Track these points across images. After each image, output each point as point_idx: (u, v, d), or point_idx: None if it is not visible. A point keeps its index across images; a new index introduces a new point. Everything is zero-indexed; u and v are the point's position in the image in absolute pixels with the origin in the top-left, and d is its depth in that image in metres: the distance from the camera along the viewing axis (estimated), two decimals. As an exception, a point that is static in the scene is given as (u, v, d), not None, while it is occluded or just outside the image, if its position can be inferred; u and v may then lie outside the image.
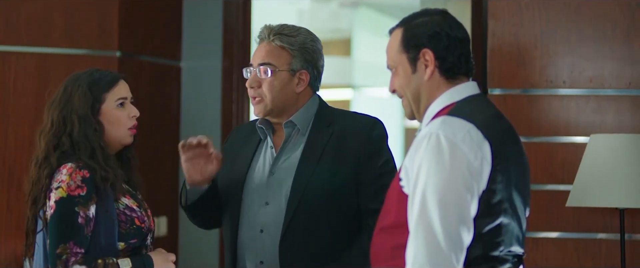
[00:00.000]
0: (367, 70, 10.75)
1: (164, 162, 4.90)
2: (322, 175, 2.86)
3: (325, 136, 2.91)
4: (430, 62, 2.36)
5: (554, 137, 4.06)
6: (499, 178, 2.25)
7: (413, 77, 2.39)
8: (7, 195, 4.36)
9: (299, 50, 2.92)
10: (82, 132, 2.74)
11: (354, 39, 10.53)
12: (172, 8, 5.00)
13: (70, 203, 2.66)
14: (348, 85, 10.29)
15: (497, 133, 2.29)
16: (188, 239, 4.92)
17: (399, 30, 2.43)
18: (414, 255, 2.18)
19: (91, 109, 2.77)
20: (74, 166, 2.69)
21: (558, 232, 4.04)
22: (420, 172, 2.23)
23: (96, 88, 2.79)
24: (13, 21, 4.39)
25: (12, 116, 4.37)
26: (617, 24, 4.02)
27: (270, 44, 2.93)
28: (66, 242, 2.64)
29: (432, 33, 2.36)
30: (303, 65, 2.93)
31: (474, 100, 2.37)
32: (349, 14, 10.47)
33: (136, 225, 2.75)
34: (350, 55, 10.46)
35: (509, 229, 2.29)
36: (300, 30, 2.96)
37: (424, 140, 2.26)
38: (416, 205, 2.21)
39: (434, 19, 2.39)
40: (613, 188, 3.59)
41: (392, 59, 2.44)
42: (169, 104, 4.97)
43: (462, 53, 2.38)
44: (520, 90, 4.09)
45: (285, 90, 2.92)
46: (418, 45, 2.37)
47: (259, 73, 2.92)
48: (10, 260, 4.31)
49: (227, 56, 5.01)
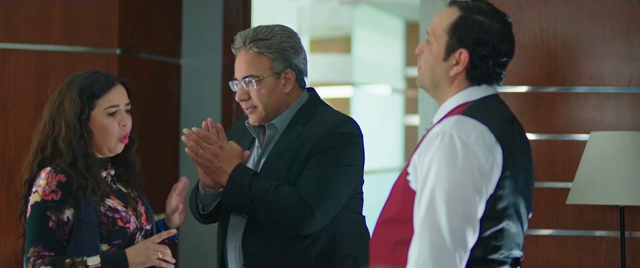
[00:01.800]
0: (367, 68, 10.74)
1: (164, 159, 4.90)
2: (280, 172, 2.86)
3: (295, 133, 2.90)
4: (462, 65, 2.34)
5: (554, 135, 4.06)
6: (506, 184, 2.26)
7: (441, 63, 2.36)
8: (7, 193, 4.36)
9: (277, 51, 2.90)
10: (66, 139, 2.72)
11: (354, 36, 10.52)
12: (172, 5, 5.00)
13: (43, 207, 2.67)
14: (348, 83, 10.28)
15: (509, 137, 2.29)
16: (188, 239, 4.91)
17: (457, 13, 2.36)
18: (418, 252, 2.19)
19: (79, 116, 2.73)
20: (52, 170, 2.70)
21: (558, 229, 4.04)
22: (430, 169, 2.23)
23: (88, 93, 2.75)
24: (13, 18, 4.38)
25: (11, 113, 4.36)
26: (617, 21, 4.02)
27: (247, 52, 2.91)
28: (36, 246, 2.66)
29: (480, 38, 2.32)
30: (285, 64, 2.92)
31: (489, 101, 2.35)
32: (349, 11, 10.46)
33: (118, 226, 2.74)
34: (350, 52, 10.45)
35: (510, 234, 2.29)
36: (274, 29, 2.93)
37: (436, 139, 2.25)
38: (424, 203, 2.21)
39: (493, 26, 2.34)
40: (613, 185, 3.59)
41: (434, 31, 2.38)
42: (169, 101, 4.96)
43: (496, 69, 2.35)
44: (520, 87, 4.09)
45: (275, 94, 2.92)
46: (462, 41, 2.33)
47: (245, 85, 2.91)
48: (10, 258, 4.31)
49: (227, 54, 5.00)
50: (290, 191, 2.81)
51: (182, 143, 5.00)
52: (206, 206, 3.00)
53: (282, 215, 2.81)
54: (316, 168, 2.84)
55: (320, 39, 11.37)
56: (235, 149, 2.90)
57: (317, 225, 2.84)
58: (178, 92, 5.03)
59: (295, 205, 2.80)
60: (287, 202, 2.80)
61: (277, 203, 2.80)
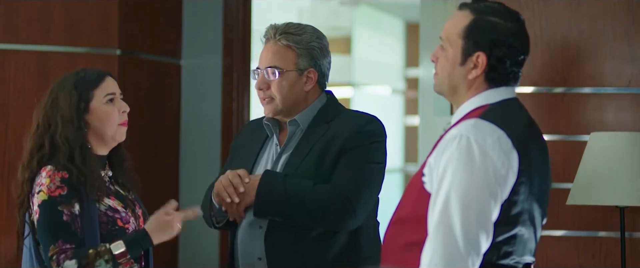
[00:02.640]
0: (368, 68, 10.74)
1: (165, 160, 4.89)
2: (307, 168, 2.86)
3: (320, 132, 2.91)
4: (480, 67, 2.32)
5: (554, 135, 4.05)
6: (521, 190, 2.25)
7: (458, 68, 2.34)
8: (7, 194, 4.35)
9: (305, 48, 2.92)
10: (63, 133, 2.73)
11: (354, 36, 10.52)
12: (172, 6, 5.00)
13: (53, 203, 2.67)
14: (348, 83, 10.28)
15: (526, 143, 2.28)
16: (188, 239, 4.91)
17: (469, 16, 2.34)
18: (431, 255, 2.18)
19: (77, 108, 2.74)
20: (53, 168, 2.70)
21: (558, 230, 4.04)
22: (446, 172, 2.22)
23: (83, 86, 2.77)
24: (13, 19, 4.38)
25: (11, 114, 4.36)
26: (617, 21, 4.02)
27: (276, 43, 2.92)
28: (55, 242, 2.65)
29: (496, 39, 2.31)
30: (310, 63, 2.94)
31: (507, 105, 2.34)
32: (349, 11, 10.46)
33: (118, 226, 2.74)
34: (350, 53, 10.45)
35: (523, 240, 2.29)
36: (306, 28, 2.95)
37: (453, 142, 2.24)
38: (438, 206, 2.21)
39: (507, 25, 2.33)
40: (613, 186, 3.59)
41: (448, 36, 2.36)
42: (169, 102, 4.96)
43: (515, 69, 2.34)
44: (520, 88, 4.09)
45: (294, 90, 2.93)
46: (478, 44, 2.31)
47: (267, 75, 2.92)
48: (11, 259, 4.31)
49: (227, 54, 5.00)
50: (329, 188, 2.82)
51: (182, 144, 5.01)
52: (221, 219, 2.99)
53: (323, 213, 2.81)
54: (351, 165, 2.84)
55: (320, 40, 11.34)
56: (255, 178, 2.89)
57: (359, 221, 2.85)
58: (178, 92, 5.03)
59: (336, 202, 2.80)
60: (328, 199, 2.80)
61: (317, 201, 2.80)
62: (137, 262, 2.75)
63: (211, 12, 5.04)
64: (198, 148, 5.01)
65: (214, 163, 4.82)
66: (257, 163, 2.99)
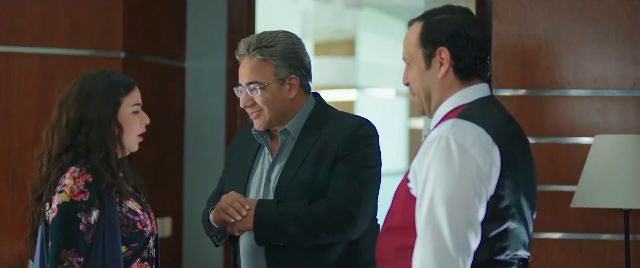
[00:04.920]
0: (371, 71, 10.75)
1: (168, 162, 4.90)
2: (304, 177, 2.86)
3: (312, 139, 2.90)
4: (446, 61, 2.35)
5: (558, 138, 4.05)
6: (507, 184, 2.25)
7: (426, 73, 2.38)
8: (10, 196, 4.36)
9: (281, 58, 2.90)
10: (100, 133, 2.70)
11: (358, 39, 10.53)
12: (176, 9, 5.01)
13: (73, 208, 2.63)
14: (352, 86, 10.29)
15: (506, 138, 2.28)
16: (192, 240, 4.92)
17: (419, 25, 2.40)
18: (421, 258, 2.19)
19: (113, 110, 2.73)
20: (78, 170, 2.66)
21: (562, 232, 4.04)
22: (428, 174, 2.23)
23: (117, 90, 2.75)
24: (16, 21, 4.39)
25: (15, 117, 4.37)
26: (621, 24, 4.02)
27: (251, 59, 2.91)
28: (68, 249, 2.62)
29: (451, 31, 2.35)
30: (289, 71, 2.92)
31: (484, 103, 2.36)
32: (353, 14, 10.47)
33: (138, 229, 2.73)
34: (354, 55, 10.46)
35: (515, 234, 2.29)
36: (278, 36, 2.93)
37: (433, 143, 2.25)
38: (424, 208, 2.21)
39: (456, 17, 2.37)
40: (617, 189, 3.58)
41: (408, 52, 2.42)
42: (173, 104, 4.97)
43: (479, 55, 2.36)
44: (524, 90, 4.09)
45: (279, 100, 2.92)
46: (436, 42, 2.35)
47: (249, 91, 2.92)
48: (15, 261, 4.31)
49: (231, 56, 5.00)
50: (325, 203, 2.82)
51: (186, 147, 5.02)
52: (221, 237, 3.00)
53: (325, 229, 2.81)
54: (346, 174, 2.84)
55: (324, 42, 11.38)
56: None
57: (361, 229, 2.85)
58: (182, 95, 5.03)
59: (336, 215, 2.81)
60: (327, 213, 2.81)
61: (316, 217, 2.80)
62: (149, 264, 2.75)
63: (215, 15, 5.05)
64: (202, 151, 5.01)
65: (217, 166, 4.82)
66: (251, 175, 2.99)
